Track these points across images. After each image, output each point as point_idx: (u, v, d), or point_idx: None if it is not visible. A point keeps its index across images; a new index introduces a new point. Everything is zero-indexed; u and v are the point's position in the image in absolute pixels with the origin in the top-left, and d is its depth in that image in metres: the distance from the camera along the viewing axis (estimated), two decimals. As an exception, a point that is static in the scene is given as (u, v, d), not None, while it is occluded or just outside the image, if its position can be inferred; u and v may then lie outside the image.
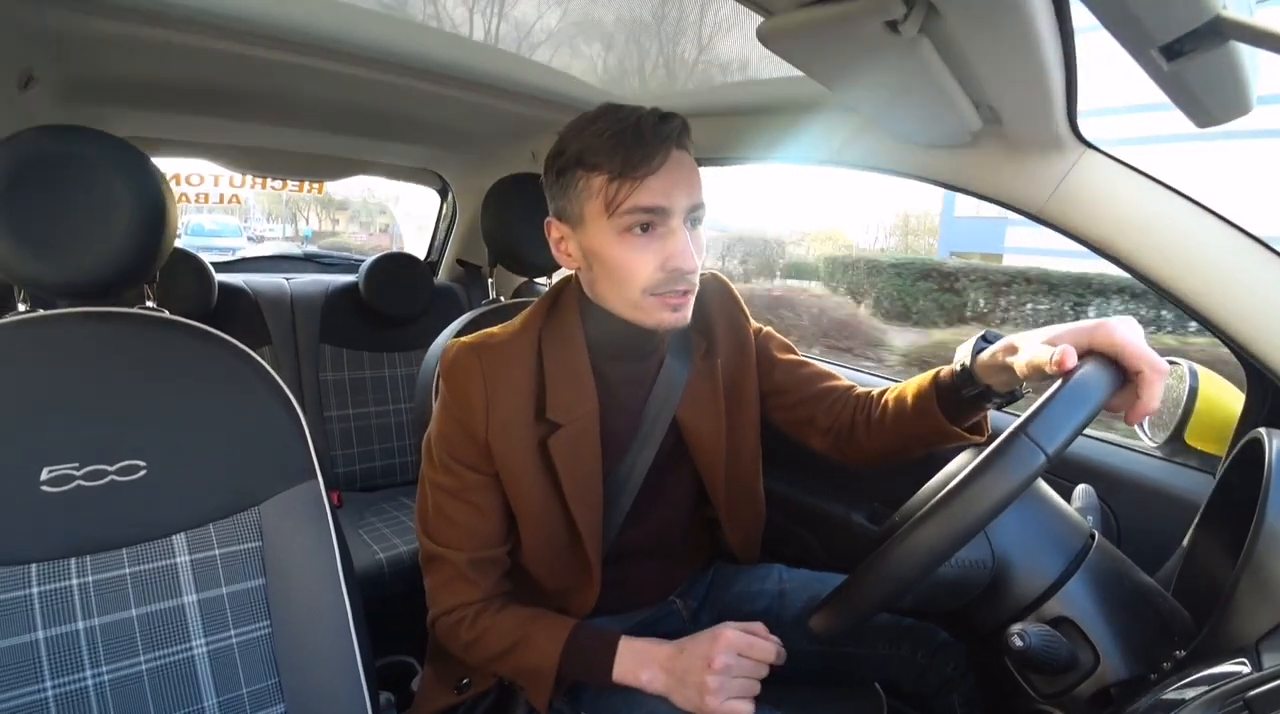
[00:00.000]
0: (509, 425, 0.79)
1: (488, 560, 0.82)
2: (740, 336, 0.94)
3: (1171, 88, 0.59)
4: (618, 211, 0.71)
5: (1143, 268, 0.79)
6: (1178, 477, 0.90)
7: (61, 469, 0.70)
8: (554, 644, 0.76)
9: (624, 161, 0.69)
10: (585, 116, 0.74)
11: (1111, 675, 0.53)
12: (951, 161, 0.91)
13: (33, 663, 0.65)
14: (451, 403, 0.80)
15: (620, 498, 0.87)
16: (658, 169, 0.70)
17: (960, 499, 0.52)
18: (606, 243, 0.73)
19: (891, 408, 0.86)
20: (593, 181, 0.72)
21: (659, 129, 0.70)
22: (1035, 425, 0.51)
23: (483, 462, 0.80)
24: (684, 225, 0.73)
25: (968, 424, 0.79)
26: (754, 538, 1.02)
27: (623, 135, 0.70)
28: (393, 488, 1.83)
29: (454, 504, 0.81)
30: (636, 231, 0.72)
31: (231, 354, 0.81)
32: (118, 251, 0.74)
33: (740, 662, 0.71)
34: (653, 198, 0.70)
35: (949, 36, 0.58)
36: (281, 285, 1.83)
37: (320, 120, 1.55)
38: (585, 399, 0.81)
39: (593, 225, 0.74)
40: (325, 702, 0.77)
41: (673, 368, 0.88)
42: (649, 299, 0.74)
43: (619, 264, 0.73)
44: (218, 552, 0.75)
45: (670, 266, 0.72)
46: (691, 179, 0.74)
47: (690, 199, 0.73)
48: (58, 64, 1.07)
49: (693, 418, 0.89)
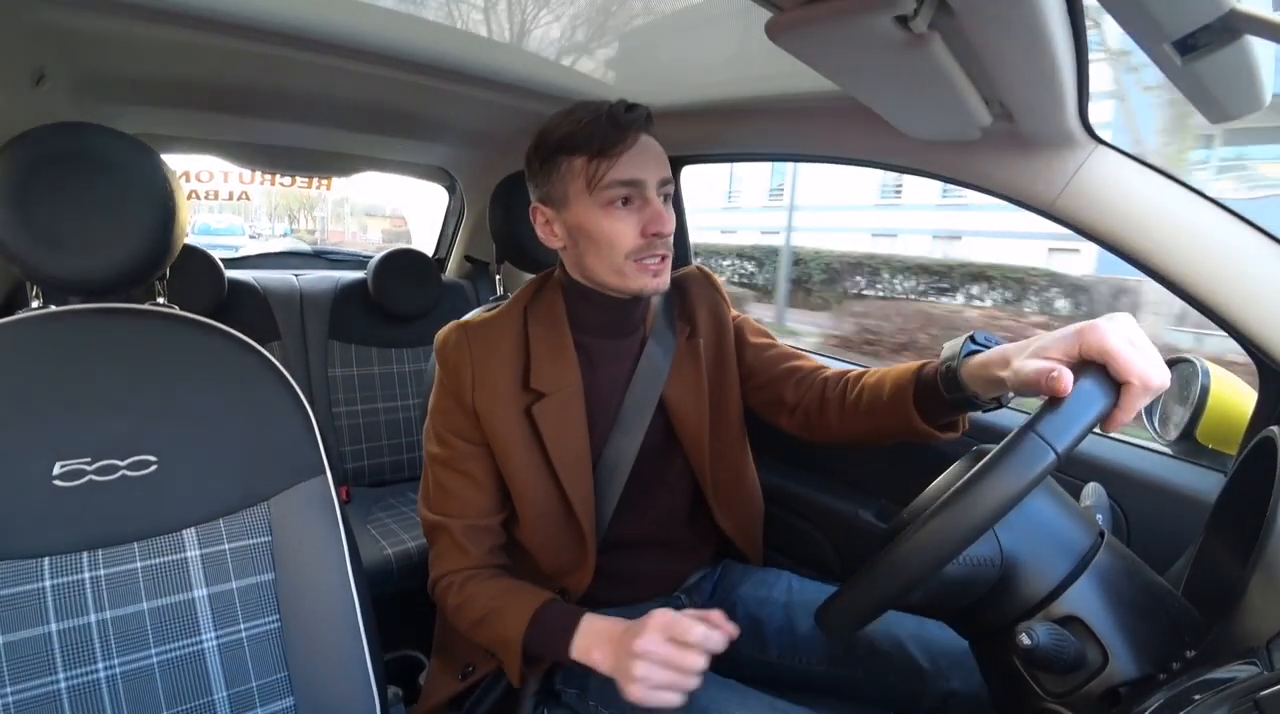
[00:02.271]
0: (495, 394, 0.85)
1: (481, 529, 0.87)
2: (721, 322, 1.00)
3: (1185, 83, 0.59)
4: (599, 186, 0.80)
5: (1155, 265, 0.78)
6: (1188, 475, 0.89)
7: (74, 464, 0.70)
8: (522, 616, 0.77)
9: (601, 142, 0.79)
10: (561, 112, 0.83)
11: (1120, 675, 0.53)
12: (961, 158, 0.90)
13: (46, 655, 0.66)
14: (443, 377, 0.87)
15: (614, 477, 0.89)
16: (631, 146, 0.80)
17: (969, 497, 0.51)
18: (591, 216, 0.81)
19: (867, 394, 0.86)
20: (574, 163, 0.81)
21: (628, 115, 0.80)
22: (1045, 424, 0.51)
23: (473, 431, 0.86)
24: (657, 197, 0.82)
25: (941, 423, 0.80)
26: (752, 528, 1.03)
27: (598, 121, 0.79)
28: (401, 483, 1.84)
29: (448, 474, 0.87)
30: (618, 204, 0.81)
31: (241, 350, 0.82)
32: (130, 248, 0.74)
33: (664, 648, 0.66)
34: (629, 171, 0.80)
35: (960, 31, 0.58)
36: (291, 282, 1.83)
37: (330, 117, 1.56)
38: (568, 370, 0.88)
39: (577, 203, 0.82)
40: (334, 695, 0.77)
41: (656, 348, 0.93)
42: (631, 265, 0.82)
43: (604, 233, 0.81)
44: (227, 546, 0.75)
45: (650, 231, 0.81)
46: (660, 158, 0.84)
47: (660, 173, 0.83)
48: (70, 62, 1.08)
49: (678, 398, 0.94)
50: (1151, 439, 0.98)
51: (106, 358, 0.76)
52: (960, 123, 0.78)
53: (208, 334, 0.81)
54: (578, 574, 0.89)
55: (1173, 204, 0.78)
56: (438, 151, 1.94)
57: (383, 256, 1.86)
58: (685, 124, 1.27)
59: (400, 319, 1.87)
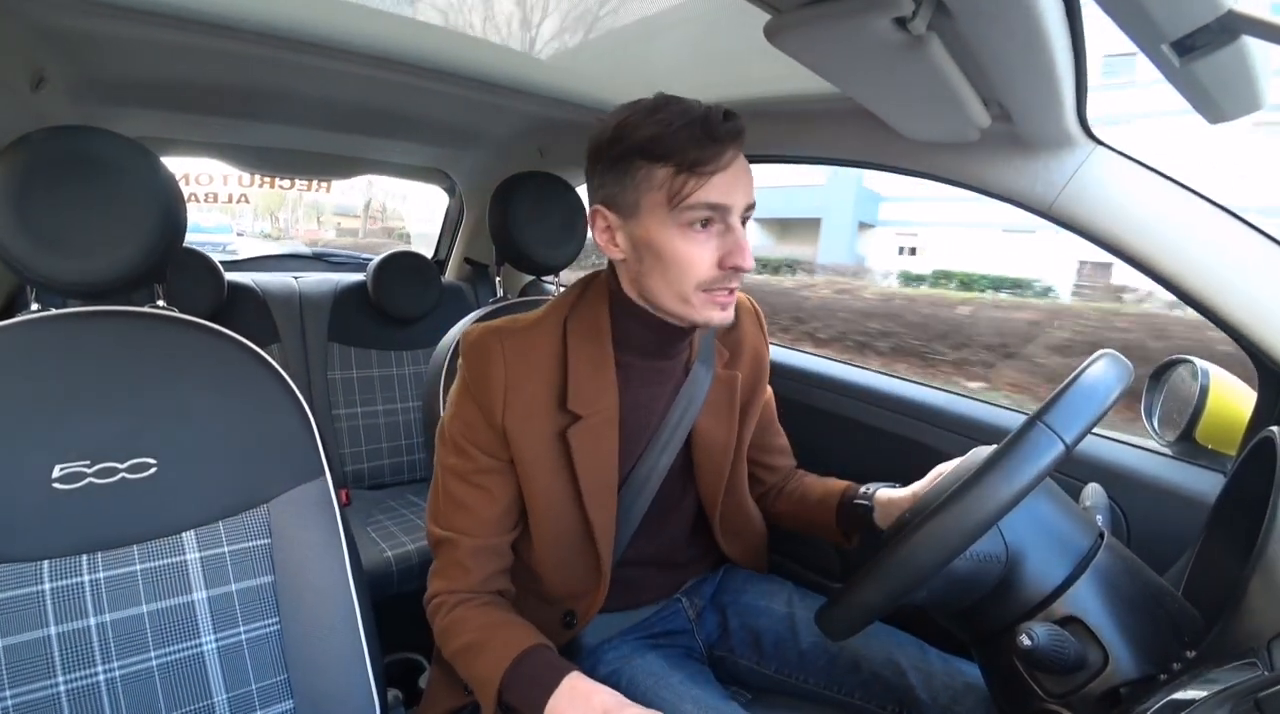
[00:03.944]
0: (528, 412, 0.78)
1: (489, 549, 0.81)
2: (759, 362, 0.97)
3: (1183, 84, 0.59)
4: (682, 205, 0.70)
5: (1153, 266, 0.78)
6: (1188, 476, 0.89)
7: (73, 467, 0.70)
8: (504, 659, 0.71)
9: (696, 155, 0.69)
10: (643, 105, 0.73)
11: (1121, 675, 0.53)
12: (959, 159, 0.90)
13: (45, 658, 0.66)
14: (471, 384, 0.79)
15: (639, 498, 0.86)
16: (726, 166, 0.70)
17: (977, 489, 0.51)
18: (665, 235, 0.72)
19: (800, 490, 1.01)
20: (656, 172, 0.71)
21: (726, 126, 0.70)
22: (1052, 414, 0.51)
23: (498, 447, 0.79)
24: (740, 225, 0.73)
25: (845, 530, 0.93)
26: (754, 551, 1.02)
27: (691, 129, 0.69)
28: (401, 486, 1.84)
29: (463, 487, 0.81)
30: (697, 227, 0.72)
31: (241, 352, 0.82)
32: (129, 251, 0.74)
33: None
34: (718, 194, 0.70)
35: (958, 33, 0.58)
36: (290, 284, 1.83)
37: (329, 120, 1.56)
38: (607, 392, 0.80)
39: (650, 216, 0.73)
40: (333, 698, 0.77)
41: (699, 374, 0.88)
42: (700, 295, 0.74)
43: (678, 258, 0.72)
44: (227, 549, 0.75)
45: (729, 263, 0.72)
46: (749, 179, 0.74)
47: (748, 198, 0.73)
48: (69, 65, 1.08)
49: (709, 427, 0.89)
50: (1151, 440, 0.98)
51: (106, 360, 0.76)
52: (959, 124, 0.78)
53: (207, 337, 0.81)
54: (588, 599, 0.85)
55: (1172, 205, 0.78)
56: (437, 154, 1.94)
57: (382, 259, 1.86)
58: None
59: (400, 321, 1.87)
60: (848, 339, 5.62)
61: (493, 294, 1.81)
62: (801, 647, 0.90)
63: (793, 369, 1.34)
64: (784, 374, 1.32)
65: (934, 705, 0.81)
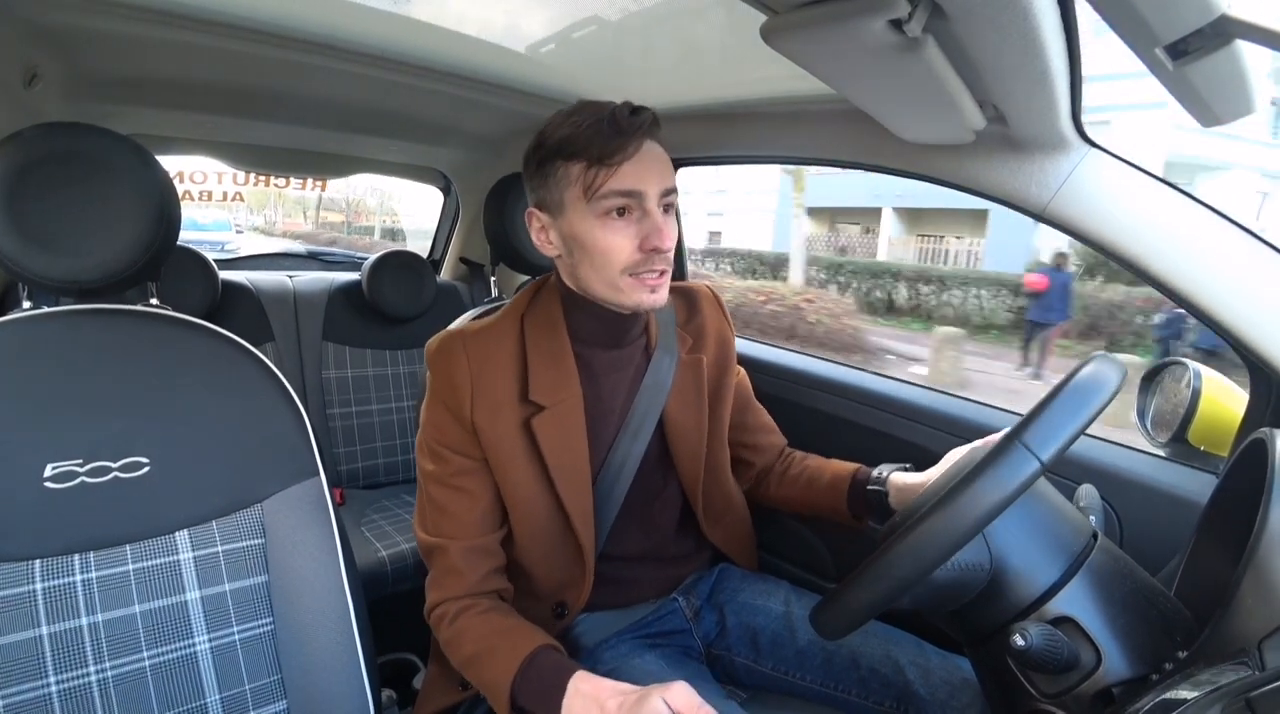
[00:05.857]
0: (494, 407, 0.82)
1: (479, 550, 0.83)
2: (725, 346, 0.99)
3: (1176, 87, 0.59)
4: (596, 195, 0.75)
5: (1147, 268, 0.78)
6: (1180, 477, 0.90)
7: (65, 466, 0.70)
8: (511, 664, 0.73)
9: (601, 149, 0.74)
10: (562, 112, 0.79)
11: (1113, 675, 0.53)
12: (954, 161, 0.90)
13: (37, 659, 0.65)
14: (438, 388, 0.83)
15: (615, 488, 0.88)
16: (632, 155, 0.75)
17: (952, 506, 0.52)
18: (587, 227, 0.77)
19: (807, 475, 1.00)
20: (571, 169, 0.76)
21: (632, 119, 0.75)
22: (1029, 432, 0.51)
23: (470, 445, 0.83)
24: (658, 209, 0.78)
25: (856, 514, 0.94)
26: (740, 538, 1.03)
27: (599, 125, 0.74)
28: (395, 485, 1.83)
29: (443, 491, 0.83)
30: (614, 215, 0.76)
31: (235, 351, 0.82)
32: (123, 249, 0.74)
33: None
34: (628, 182, 0.75)
35: (953, 35, 0.58)
36: (284, 283, 1.83)
37: (324, 118, 1.56)
38: (568, 382, 0.84)
39: (573, 211, 0.78)
40: (327, 698, 0.77)
41: (662, 362, 0.91)
42: (627, 280, 0.78)
43: (599, 246, 0.77)
44: (220, 548, 0.75)
45: (648, 246, 0.77)
46: (664, 166, 0.79)
47: (663, 184, 0.78)
48: (62, 61, 1.08)
49: (678, 411, 0.92)
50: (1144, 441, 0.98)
51: (98, 359, 0.76)
52: (954, 126, 0.79)
53: (201, 335, 0.81)
54: (576, 589, 0.87)
55: (1165, 207, 0.78)
56: (433, 153, 1.94)
57: (377, 258, 1.86)
58: (678, 127, 1.28)
59: (395, 321, 1.86)
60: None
61: (488, 294, 1.81)
62: (799, 645, 0.90)
63: (781, 367, 1.35)
64: (773, 372, 1.32)
65: (932, 701, 0.81)
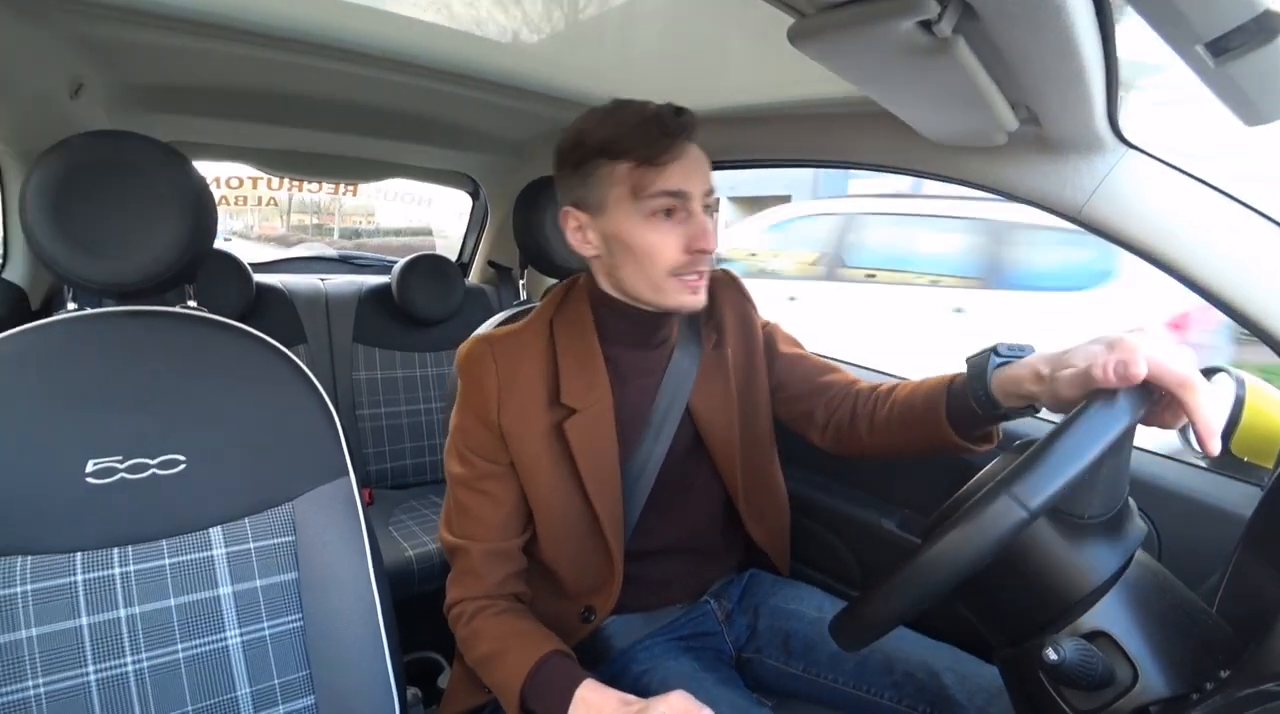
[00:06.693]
0: (523, 411, 0.82)
1: (500, 553, 0.84)
2: (749, 329, 0.97)
3: (1218, 85, 0.57)
4: (644, 195, 0.76)
5: (1188, 273, 0.76)
6: (1222, 489, 0.87)
7: (106, 462, 0.72)
8: (523, 668, 0.73)
9: (649, 149, 0.74)
10: (598, 110, 0.79)
11: (1151, 693, 0.52)
12: (986, 164, 0.89)
13: (76, 648, 0.67)
14: (467, 392, 0.84)
15: (638, 486, 0.87)
16: (679, 156, 0.76)
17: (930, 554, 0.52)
18: (632, 227, 0.77)
19: (898, 408, 0.85)
20: (617, 169, 0.76)
21: (678, 120, 0.76)
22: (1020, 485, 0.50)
23: (497, 450, 0.83)
24: (702, 210, 0.78)
25: (976, 434, 0.79)
26: (781, 538, 1.02)
27: (646, 126, 0.75)
28: (423, 486, 1.86)
29: (469, 495, 0.84)
30: (661, 216, 0.77)
31: (268, 352, 0.83)
32: (162, 252, 0.76)
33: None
34: (676, 182, 0.76)
35: (985, 35, 0.57)
36: (317, 286, 1.87)
37: (357, 124, 1.58)
38: (598, 385, 0.84)
39: (616, 210, 0.78)
40: (354, 695, 0.78)
41: (682, 358, 0.90)
42: (671, 281, 0.79)
43: (645, 246, 0.77)
44: (252, 545, 0.77)
45: (694, 248, 0.77)
46: (705, 168, 0.80)
47: (705, 185, 0.79)
48: (106, 73, 1.12)
49: (705, 407, 0.91)
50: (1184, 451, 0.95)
51: (138, 359, 0.78)
52: (986, 128, 0.77)
53: (236, 337, 0.83)
54: (604, 593, 0.87)
55: (1207, 210, 0.76)
56: (462, 158, 1.96)
57: (407, 262, 1.89)
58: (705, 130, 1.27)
59: (424, 323, 1.89)
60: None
61: (516, 297, 1.83)
62: (831, 648, 0.89)
63: None
64: None
65: (970, 706, 0.79)
